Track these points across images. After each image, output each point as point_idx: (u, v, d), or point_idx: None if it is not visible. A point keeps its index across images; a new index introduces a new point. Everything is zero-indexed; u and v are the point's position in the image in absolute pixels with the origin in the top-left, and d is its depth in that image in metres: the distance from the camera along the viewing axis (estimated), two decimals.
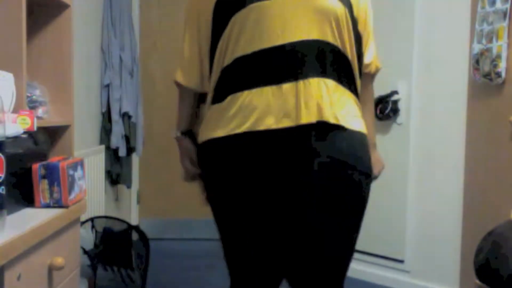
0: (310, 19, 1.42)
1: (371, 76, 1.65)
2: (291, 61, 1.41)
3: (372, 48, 1.61)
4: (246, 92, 1.41)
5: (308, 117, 1.38)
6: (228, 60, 1.45)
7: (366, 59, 1.58)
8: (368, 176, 1.50)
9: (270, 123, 1.39)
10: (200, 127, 1.56)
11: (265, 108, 1.39)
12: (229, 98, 1.44)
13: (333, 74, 1.44)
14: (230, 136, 1.43)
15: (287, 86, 1.39)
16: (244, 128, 1.41)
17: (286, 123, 1.39)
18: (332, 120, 1.40)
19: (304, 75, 1.40)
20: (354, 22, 1.51)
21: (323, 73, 1.42)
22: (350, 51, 1.48)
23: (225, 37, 1.44)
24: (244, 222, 1.48)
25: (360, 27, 1.53)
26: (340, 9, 1.45)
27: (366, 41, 1.58)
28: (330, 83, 1.42)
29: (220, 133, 1.44)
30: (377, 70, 1.65)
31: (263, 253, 1.50)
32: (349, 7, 1.48)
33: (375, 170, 1.58)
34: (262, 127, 1.39)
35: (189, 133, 1.67)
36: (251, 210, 1.46)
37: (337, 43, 1.45)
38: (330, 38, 1.44)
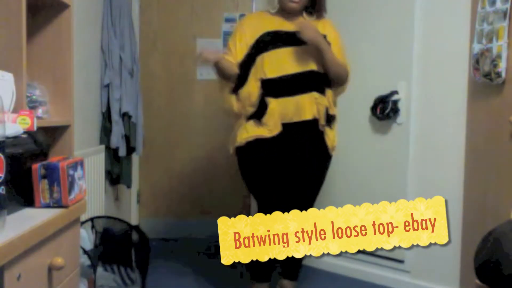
0: (300, 58, 2.58)
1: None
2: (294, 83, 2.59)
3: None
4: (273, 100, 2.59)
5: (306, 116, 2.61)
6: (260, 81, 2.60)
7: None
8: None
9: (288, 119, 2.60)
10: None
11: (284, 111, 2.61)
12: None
13: (317, 89, 2.60)
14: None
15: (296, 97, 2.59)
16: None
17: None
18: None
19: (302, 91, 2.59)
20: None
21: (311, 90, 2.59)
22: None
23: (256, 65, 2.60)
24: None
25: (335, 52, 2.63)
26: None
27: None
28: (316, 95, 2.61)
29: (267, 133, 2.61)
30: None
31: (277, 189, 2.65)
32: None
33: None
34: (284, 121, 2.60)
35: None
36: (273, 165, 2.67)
37: (319, 68, 2.60)
38: (315, 67, 2.59)
